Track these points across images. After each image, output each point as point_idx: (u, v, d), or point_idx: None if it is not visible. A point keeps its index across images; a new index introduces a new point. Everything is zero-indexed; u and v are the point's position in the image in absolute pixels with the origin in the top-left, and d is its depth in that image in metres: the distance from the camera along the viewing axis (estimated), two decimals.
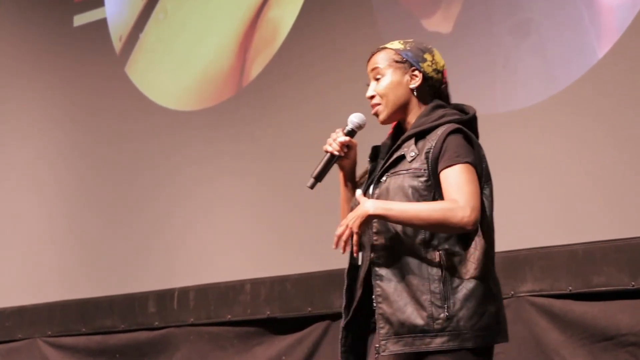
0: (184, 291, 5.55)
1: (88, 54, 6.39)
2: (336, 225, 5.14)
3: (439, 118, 2.71)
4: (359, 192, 2.75)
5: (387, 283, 2.62)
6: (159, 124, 5.95)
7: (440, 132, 2.67)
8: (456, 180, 2.58)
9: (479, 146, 2.69)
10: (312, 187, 2.90)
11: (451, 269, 2.58)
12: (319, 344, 4.96)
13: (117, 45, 6.26)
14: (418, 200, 2.62)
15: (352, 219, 2.66)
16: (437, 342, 2.55)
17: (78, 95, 6.39)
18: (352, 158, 2.90)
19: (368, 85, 2.87)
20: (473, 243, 2.60)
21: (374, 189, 2.74)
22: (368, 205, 2.63)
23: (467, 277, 2.57)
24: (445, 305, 2.55)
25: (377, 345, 2.64)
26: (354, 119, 2.90)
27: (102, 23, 6.35)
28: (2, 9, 6.89)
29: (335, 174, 2.95)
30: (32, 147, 6.57)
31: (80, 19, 6.50)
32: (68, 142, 6.39)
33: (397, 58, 2.80)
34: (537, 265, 4.24)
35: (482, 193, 2.62)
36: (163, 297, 5.63)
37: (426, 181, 2.63)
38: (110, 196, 6.10)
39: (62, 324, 6.08)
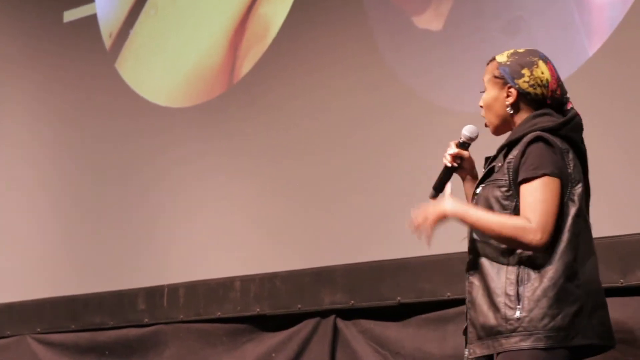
0: (174, 288, 5.54)
1: (78, 50, 6.37)
2: (325, 223, 5.16)
3: (529, 127, 2.75)
4: (448, 189, 2.85)
5: (476, 289, 2.72)
6: (149, 121, 5.94)
7: (523, 141, 2.72)
8: (532, 197, 2.64)
9: (562, 151, 2.72)
10: (432, 197, 2.96)
11: (529, 273, 2.64)
12: (309, 341, 4.96)
13: (108, 41, 6.25)
14: (499, 210, 2.70)
15: (431, 213, 2.76)
16: (510, 342, 2.60)
17: (67, 91, 6.38)
18: (467, 168, 2.98)
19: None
20: (553, 248, 2.65)
21: (472, 200, 2.83)
22: (447, 205, 2.76)
23: (543, 279, 2.62)
24: (518, 307, 2.60)
25: (466, 350, 2.73)
26: (465, 132, 2.97)
27: (93, 19, 6.33)
28: None
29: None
30: (20, 144, 6.56)
31: (70, 15, 6.48)
32: (56, 139, 6.38)
33: (496, 73, 2.85)
34: None
35: (568, 199, 2.67)
36: (152, 294, 5.63)
37: (507, 191, 2.71)
38: (99, 193, 6.09)
39: (51, 321, 6.07)
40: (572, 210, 2.68)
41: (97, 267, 5.99)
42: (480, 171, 2.98)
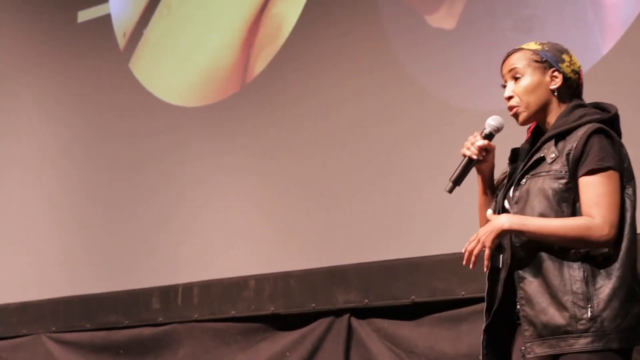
0: (188, 287, 5.55)
1: (92, 50, 6.39)
2: (338, 222, 5.16)
3: (580, 118, 2.68)
4: (489, 212, 2.72)
5: (529, 285, 2.62)
6: (162, 120, 5.95)
7: (581, 132, 2.64)
8: (596, 191, 2.58)
9: (621, 145, 2.68)
10: (450, 191, 2.85)
11: (593, 270, 2.57)
12: (323, 340, 4.96)
13: (121, 41, 6.26)
14: (559, 203, 2.62)
15: (485, 234, 2.65)
16: (582, 343, 2.53)
17: (82, 91, 6.40)
18: (490, 161, 2.86)
19: (503, 87, 2.84)
20: (617, 245, 2.59)
21: (514, 191, 2.72)
22: (503, 220, 2.64)
23: (610, 278, 2.55)
24: (589, 306, 2.54)
25: (523, 348, 2.63)
26: (492, 122, 2.84)
27: (106, 19, 6.35)
28: (5, 4, 6.89)
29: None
30: (37, 143, 6.58)
31: (84, 15, 6.50)
32: (72, 138, 6.40)
33: (537, 58, 2.76)
34: None
35: (624, 194, 2.62)
36: (167, 293, 5.63)
37: (567, 183, 2.62)
38: (114, 192, 6.10)
39: (66, 320, 6.08)
40: (630, 207, 2.61)
41: (112, 266, 6.00)
42: (503, 164, 2.89)
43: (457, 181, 2.83)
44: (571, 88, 2.75)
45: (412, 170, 4.84)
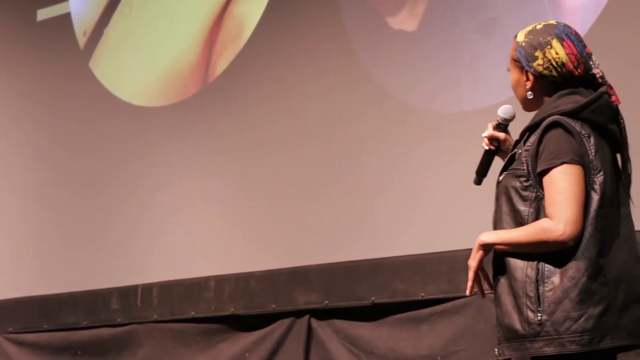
0: (148, 288, 5.52)
1: (51, 49, 6.34)
2: (300, 223, 5.15)
3: (551, 110, 2.59)
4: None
5: (500, 285, 2.58)
6: (123, 120, 5.91)
7: (540, 127, 2.57)
8: (551, 189, 2.50)
9: (583, 136, 2.53)
10: (476, 182, 2.82)
11: (548, 270, 2.50)
12: (283, 340, 4.96)
13: (82, 40, 6.22)
14: (518, 201, 2.56)
15: (470, 256, 2.62)
16: (535, 347, 2.48)
17: (41, 90, 6.34)
18: (506, 150, 2.79)
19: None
20: (575, 244, 2.50)
21: (496, 189, 2.68)
22: (482, 235, 2.60)
23: (563, 277, 2.48)
24: (539, 309, 2.48)
25: (496, 350, 2.60)
26: (500, 112, 2.83)
27: (66, 18, 6.30)
28: None
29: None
30: None
31: (43, 13, 6.44)
32: (29, 138, 6.34)
33: (514, 55, 2.70)
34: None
35: (590, 188, 2.51)
36: (126, 293, 5.61)
37: (525, 180, 2.56)
38: (73, 193, 6.06)
39: (24, 321, 6.03)
40: (595, 201, 2.50)
41: (70, 266, 5.95)
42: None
43: (479, 172, 2.83)
44: (553, 83, 2.64)
45: (373, 172, 4.85)
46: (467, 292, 2.62)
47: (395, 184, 4.73)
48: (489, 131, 2.81)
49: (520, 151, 2.59)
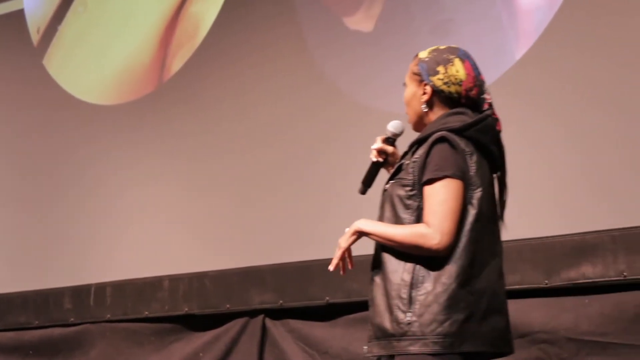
0: (101, 287, 5.49)
1: (4, 46, 6.28)
2: (254, 223, 5.14)
3: (439, 126, 2.73)
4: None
5: (375, 286, 2.73)
6: (75, 117, 5.88)
7: (428, 140, 2.71)
8: (432, 200, 2.63)
9: (466, 153, 2.68)
10: (361, 192, 2.95)
11: (423, 276, 2.63)
12: (237, 340, 4.95)
13: (35, 37, 6.17)
14: (401, 209, 2.70)
15: (344, 235, 2.78)
16: (401, 346, 2.62)
17: None
18: (392, 163, 2.95)
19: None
20: (450, 252, 2.63)
21: (381, 196, 2.81)
22: (359, 222, 2.75)
23: (436, 284, 2.61)
24: (410, 311, 2.61)
25: (365, 347, 2.73)
26: (389, 127, 2.96)
27: (20, 14, 6.24)
28: None
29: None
30: None
31: None
32: None
33: (415, 69, 2.85)
34: None
35: (468, 203, 2.66)
36: (79, 292, 5.57)
37: (410, 190, 2.69)
38: (24, 190, 6.01)
39: None
40: (471, 215, 2.65)
41: (21, 265, 5.91)
42: None
43: (364, 182, 2.95)
44: (448, 100, 2.79)
45: (326, 171, 4.85)
46: (331, 268, 2.79)
47: (348, 184, 4.73)
48: (378, 144, 2.96)
49: (407, 162, 2.74)
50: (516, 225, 4.19)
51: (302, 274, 4.78)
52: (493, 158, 2.76)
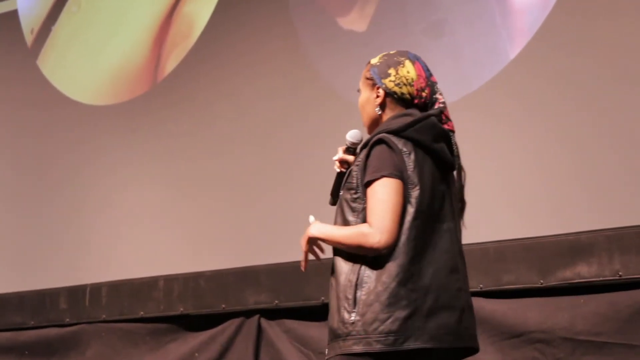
0: (96, 287, 5.49)
1: None
2: (250, 223, 5.13)
3: (383, 128, 2.77)
4: (311, 218, 2.90)
5: (331, 291, 2.77)
6: (70, 118, 5.87)
7: (369, 143, 2.75)
8: (372, 200, 2.68)
9: (404, 153, 2.72)
10: (331, 203, 2.97)
11: (366, 276, 2.67)
12: (233, 340, 4.96)
13: (29, 37, 6.16)
14: (348, 213, 2.75)
15: (302, 238, 2.85)
16: (346, 346, 2.65)
17: None
18: None
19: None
20: (390, 252, 2.66)
21: (338, 204, 2.85)
22: (311, 228, 2.83)
23: (377, 282, 2.65)
24: (354, 311, 2.64)
25: (326, 350, 2.75)
26: (348, 137, 2.98)
27: (14, 15, 6.23)
28: None
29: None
30: None
31: None
32: None
33: (367, 75, 2.89)
34: None
35: (407, 201, 2.69)
36: (75, 293, 5.57)
37: (355, 193, 2.75)
38: (19, 190, 6.00)
39: None
40: (410, 213, 2.68)
41: (18, 265, 5.90)
42: None
43: (332, 193, 2.98)
44: (401, 101, 2.83)
45: (320, 170, 4.85)
46: (303, 269, 2.89)
47: None
48: (340, 155, 2.99)
49: (353, 166, 2.80)
50: (511, 226, 4.22)
51: (297, 274, 4.76)
52: (439, 156, 2.78)
